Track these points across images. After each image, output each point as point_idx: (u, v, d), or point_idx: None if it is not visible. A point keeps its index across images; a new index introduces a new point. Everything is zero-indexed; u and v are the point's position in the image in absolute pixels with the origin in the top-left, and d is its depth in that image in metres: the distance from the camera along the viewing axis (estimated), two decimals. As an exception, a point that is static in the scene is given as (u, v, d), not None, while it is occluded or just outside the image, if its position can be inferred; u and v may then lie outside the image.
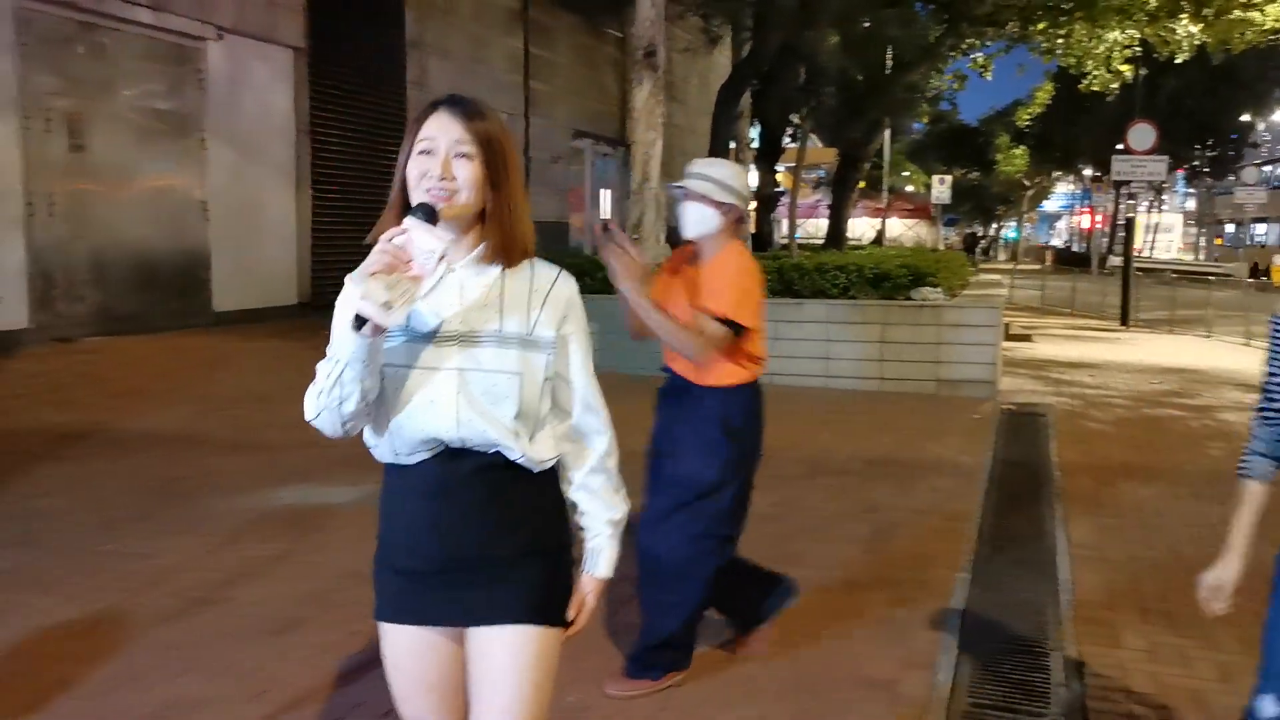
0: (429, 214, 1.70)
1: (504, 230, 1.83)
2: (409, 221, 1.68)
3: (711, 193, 3.36)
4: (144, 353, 11.25)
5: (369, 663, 3.57)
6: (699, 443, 3.37)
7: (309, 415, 1.81)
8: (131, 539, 5.00)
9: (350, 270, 1.81)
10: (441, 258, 1.68)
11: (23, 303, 11.26)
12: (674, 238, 4.43)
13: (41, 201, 11.52)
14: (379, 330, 1.67)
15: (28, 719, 3.17)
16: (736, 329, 3.29)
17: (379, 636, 1.96)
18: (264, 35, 14.44)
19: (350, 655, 3.66)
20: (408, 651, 1.92)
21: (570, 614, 1.95)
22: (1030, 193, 56.19)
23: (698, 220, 3.39)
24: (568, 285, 1.91)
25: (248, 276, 14.36)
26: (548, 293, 1.87)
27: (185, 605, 4.14)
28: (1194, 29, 16.89)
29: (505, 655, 1.86)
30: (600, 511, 1.98)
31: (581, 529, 2.00)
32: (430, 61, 17.82)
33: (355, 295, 1.64)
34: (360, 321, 1.65)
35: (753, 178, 24.59)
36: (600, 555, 1.98)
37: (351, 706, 3.29)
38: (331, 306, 1.80)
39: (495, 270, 1.85)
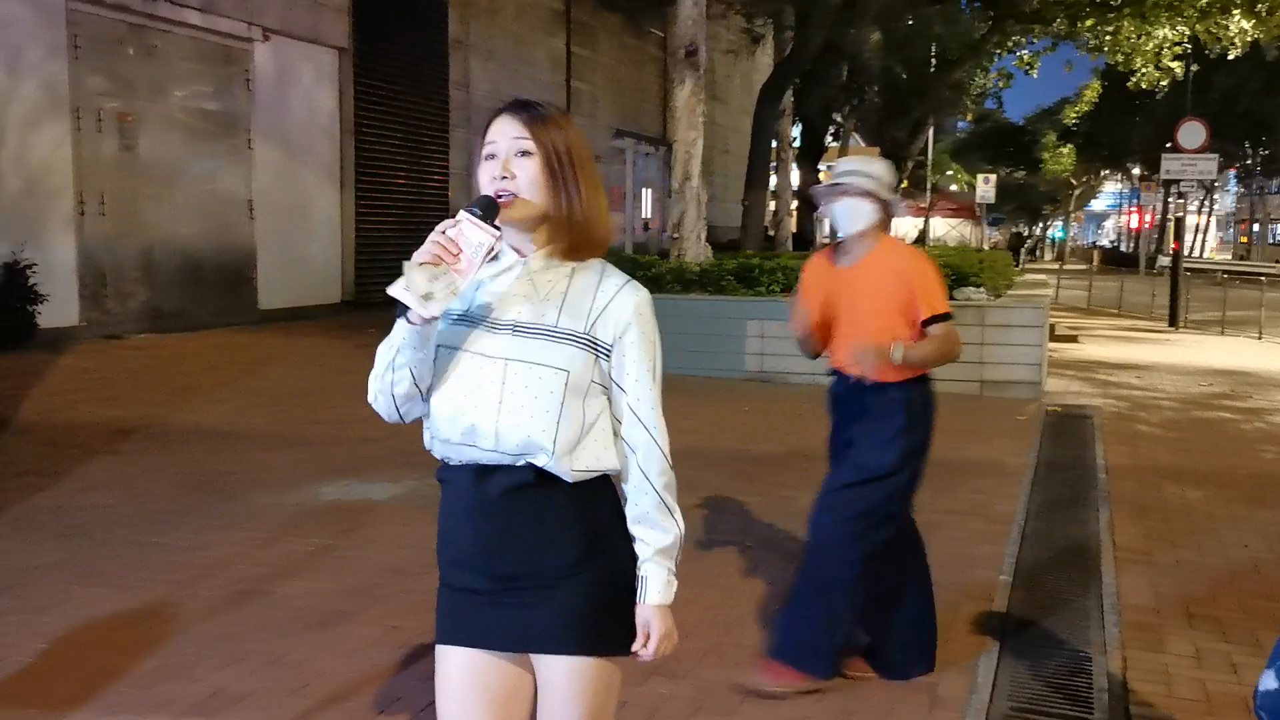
0: (487, 206, 1.71)
1: (571, 228, 1.82)
2: (461, 214, 1.69)
3: (875, 189, 3.39)
4: (191, 349, 11.43)
5: (409, 658, 3.61)
6: (878, 439, 3.39)
7: (370, 398, 1.84)
8: (178, 532, 5.09)
9: (394, 268, 1.83)
10: (489, 251, 1.68)
11: (73, 300, 11.49)
12: (714, 237, 4.43)
13: (92, 200, 11.74)
14: (427, 319, 1.69)
15: (77, 707, 3.23)
16: (947, 316, 3.41)
17: (434, 654, 1.91)
18: (309, 36, 14.61)
19: (391, 650, 3.69)
20: (459, 673, 1.86)
21: (636, 647, 1.86)
22: (1077, 192, 55.52)
23: (857, 216, 3.41)
24: (635, 294, 1.84)
25: (292, 275, 14.52)
26: (612, 297, 1.82)
27: (231, 598, 4.21)
28: (1246, 24, 16.58)
29: (558, 685, 1.83)
30: (647, 536, 1.86)
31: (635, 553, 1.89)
32: (473, 61, 17.94)
33: (399, 284, 1.66)
34: (405, 308, 1.68)
35: (794, 177, 24.50)
36: (648, 583, 1.85)
37: (391, 701, 3.32)
38: (374, 304, 1.82)
39: (564, 266, 1.84)
